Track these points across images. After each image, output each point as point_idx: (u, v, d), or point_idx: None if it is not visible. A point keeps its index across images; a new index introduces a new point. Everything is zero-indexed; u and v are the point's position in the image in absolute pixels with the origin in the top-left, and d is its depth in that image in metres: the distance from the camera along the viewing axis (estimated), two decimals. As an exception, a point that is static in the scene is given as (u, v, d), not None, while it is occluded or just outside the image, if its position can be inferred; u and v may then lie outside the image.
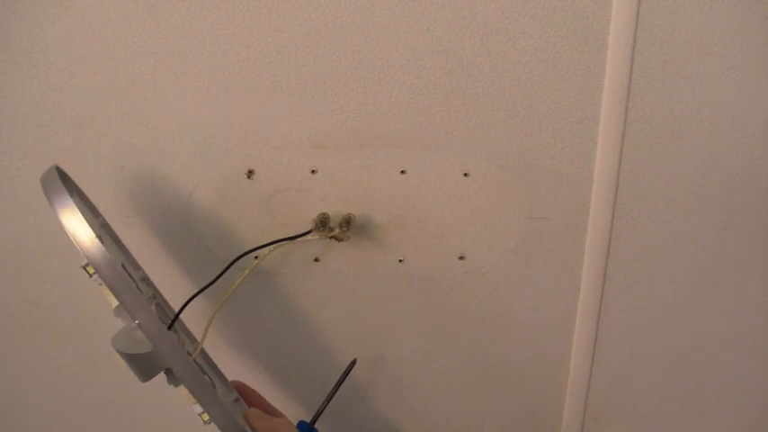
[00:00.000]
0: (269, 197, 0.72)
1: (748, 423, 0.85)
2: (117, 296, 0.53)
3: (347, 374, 0.70)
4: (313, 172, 0.71)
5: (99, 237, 0.53)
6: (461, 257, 0.75)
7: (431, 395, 0.83)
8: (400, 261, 0.75)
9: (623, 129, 0.69)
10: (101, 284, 0.54)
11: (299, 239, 0.70)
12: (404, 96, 0.68)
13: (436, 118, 0.69)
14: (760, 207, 0.73)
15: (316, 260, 0.75)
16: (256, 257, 0.71)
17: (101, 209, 0.72)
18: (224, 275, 0.68)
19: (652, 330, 0.80)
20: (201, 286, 0.68)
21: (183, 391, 0.56)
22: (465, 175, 0.71)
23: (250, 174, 0.71)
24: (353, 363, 0.71)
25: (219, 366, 0.69)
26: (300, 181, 0.71)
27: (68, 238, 0.53)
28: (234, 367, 0.69)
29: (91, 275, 0.54)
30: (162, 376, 0.57)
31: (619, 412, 0.84)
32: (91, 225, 0.53)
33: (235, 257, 0.70)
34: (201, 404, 0.55)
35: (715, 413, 0.84)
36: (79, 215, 0.53)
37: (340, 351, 0.80)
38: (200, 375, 0.55)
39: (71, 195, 0.55)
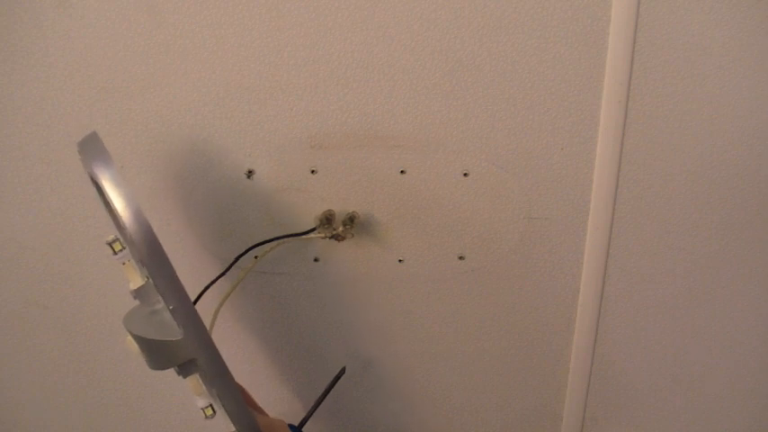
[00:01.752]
0: (269, 197, 0.72)
1: (748, 422, 0.85)
2: (154, 275, 0.48)
3: (336, 382, 0.70)
4: (313, 172, 0.71)
5: None
6: (461, 257, 0.75)
7: (430, 394, 0.83)
8: (400, 261, 0.75)
9: (623, 129, 0.69)
10: (125, 263, 0.51)
11: (302, 237, 0.71)
12: (404, 96, 0.68)
13: (436, 118, 0.69)
14: (760, 206, 0.73)
15: (316, 260, 0.75)
16: (256, 257, 0.71)
17: (101, 209, 0.72)
18: (224, 275, 0.68)
19: (652, 330, 0.80)
20: (202, 287, 0.68)
21: (191, 382, 0.53)
22: (465, 175, 0.71)
23: (250, 174, 0.71)
24: (343, 371, 0.71)
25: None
26: (300, 181, 0.71)
27: (83, 217, 0.51)
28: (230, 365, 0.69)
29: (116, 252, 0.50)
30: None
31: (619, 412, 0.85)
32: None
33: (234, 256, 0.70)
34: (222, 400, 0.52)
35: (715, 412, 0.84)
36: (123, 181, 0.48)
37: (339, 351, 0.80)
38: (227, 370, 0.52)
39: None
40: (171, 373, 0.57)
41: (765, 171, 0.72)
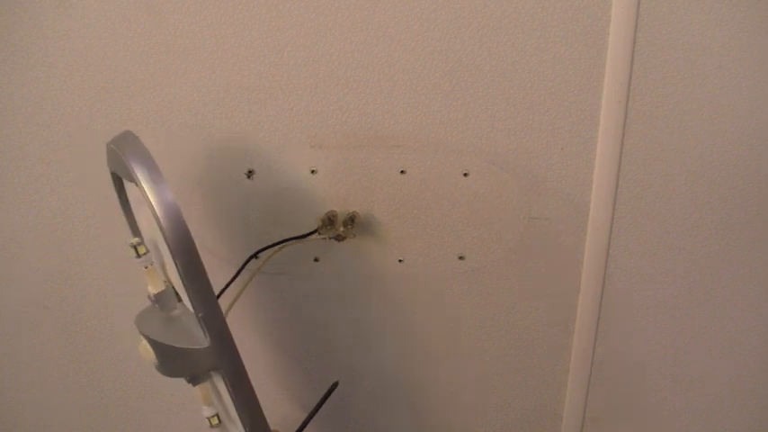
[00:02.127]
0: (269, 197, 0.72)
1: (748, 422, 0.85)
2: (188, 281, 0.47)
3: (327, 397, 0.69)
4: (313, 172, 0.71)
5: None
6: (461, 257, 0.75)
7: (431, 394, 0.83)
8: (400, 261, 0.75)
9: (623, 129, 0.69)
10: (147, 267, 0.50)
11: (305, 239, 0.71)
12: (404, 96, 0.68)
13: (436, 118, 0.69)
14: (760, 206, 0.73)
15: (316, 260, 0.75)
16: (257, 257, 0.71)
17: (101, 209, 0.72)
18: (224, 275, 0.68)
19: (652, 330, 0.80)
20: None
21: (201, 390, 0.52)
22: (465, 175, 0.71)
23: (250, 174, 0.71)
24: (335, 385, 0.70)
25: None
26: (300, 181, 0.71)
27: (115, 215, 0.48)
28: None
29: (140, 255, 0.50)
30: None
31: (619, 412, 0.84)
32: None
33: (234, 256, 0.70)
34: (240, 410, 0.50)
35: (715, 412, 0.84)
36: (165, 182, 0.46)
37: (339, 351, 0.80)
38: (248, 381, 0.51)
39: None
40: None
41: (765, 171, 0.72)
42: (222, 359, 0.49)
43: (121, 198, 0.59)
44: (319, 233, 0.70)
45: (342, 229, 0.70)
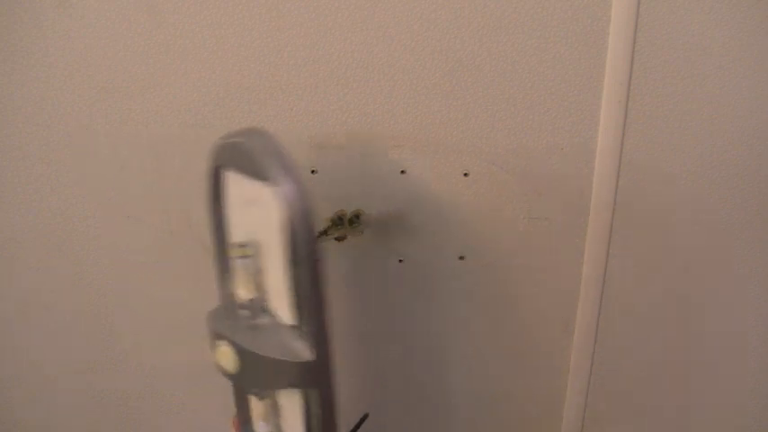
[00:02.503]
0: (269, 197, 0.72)
1: (748, 422, 0.85)
2: (307, 292, 0.44)
3: (359, 427, 0.68)
4: (313, 172, 0.71)
5: None
6: (461, 257, 0.75)
7: (430, 394, 0.83)
8: (400, 261, 0.75)
9: (623, 129, 0.69)
10: (245, 269, 0.49)
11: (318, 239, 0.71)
12: (404, 96, 0.68)
13: (436, 118, 0.69)
14: (760, 206, 0.73)
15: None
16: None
17: (101, 209, 0.72)
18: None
19: (651, 330, 0.80)
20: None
21: (264, 405, 0.50)
22: (465, 175, 0.71)
23: (250, 174, 0.71)
24: (365, 417, 0.69)
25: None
26: (300, 181, 0.71)
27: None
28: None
29: (244, 257, 0.48)
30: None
31: (619, 412, 0.84)
32: None
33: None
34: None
35: (714, 412, 0.84)
36: (305, 187, 0.43)
37: (338, 351, 0.80)
38: (335, 403, 0.49)
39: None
40: (170, 373, 0.56)
41: (765, 171, 0.72)
42: (321, 376, 0.47)
43: (215, 195, 0.55)
44: (327, 234, 0.71)
45: (349, 228, 0.71)
